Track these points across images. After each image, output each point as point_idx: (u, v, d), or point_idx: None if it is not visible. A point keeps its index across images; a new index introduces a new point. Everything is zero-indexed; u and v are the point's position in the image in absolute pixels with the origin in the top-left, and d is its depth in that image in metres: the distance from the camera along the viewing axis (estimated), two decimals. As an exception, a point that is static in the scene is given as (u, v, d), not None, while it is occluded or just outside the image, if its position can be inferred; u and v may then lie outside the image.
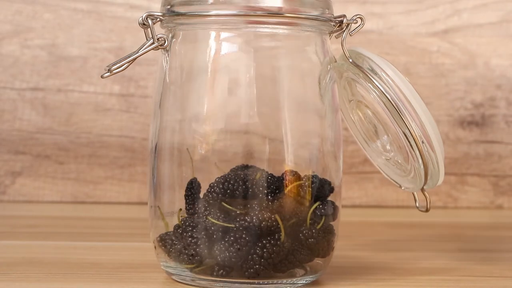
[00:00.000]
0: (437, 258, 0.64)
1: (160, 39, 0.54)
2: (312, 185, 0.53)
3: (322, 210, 0.54)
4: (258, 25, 0.53)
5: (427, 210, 0.55)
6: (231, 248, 0.51)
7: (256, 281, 0.52)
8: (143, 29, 0.54)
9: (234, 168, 0.53)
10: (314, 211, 0.53)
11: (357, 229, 0.77)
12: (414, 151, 0.52)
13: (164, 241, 0.54)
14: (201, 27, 0.54)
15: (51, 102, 0.90)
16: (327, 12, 0.54)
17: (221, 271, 0.52)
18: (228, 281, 0.52)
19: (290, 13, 0.53)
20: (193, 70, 0.55)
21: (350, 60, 0.54)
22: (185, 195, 0.54)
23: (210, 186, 0.53)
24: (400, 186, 0.57)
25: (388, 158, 0.57)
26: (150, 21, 0.53)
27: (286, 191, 0.53)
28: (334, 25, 0.55)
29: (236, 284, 0.52)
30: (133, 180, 0.90)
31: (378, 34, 0.92)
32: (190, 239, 0.53)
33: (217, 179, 0.52)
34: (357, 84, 0.55)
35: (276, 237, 0.52)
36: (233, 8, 0.52)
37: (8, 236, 0.71)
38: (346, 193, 0.90)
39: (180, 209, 0.54)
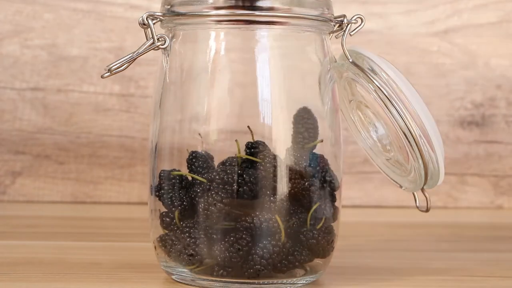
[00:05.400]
0: (437, 258, 0.64)
1: (160, 39, 0.54)
2: (312, 186, 0.53)
3: (323, 211, 0.54)
4: (258, 25, 0.53)
5: (427, 210, 0.55)
6: (231, 249, 0.51)
7: (256, 281, 0.52)
8: (143, 29, 0.54)
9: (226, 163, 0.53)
10: (314, 212, 0.53)
11: (357, 229, 0.77)
12: (414, 151, 0.52)
13: (164, 241, 0.54)
14: (201, 27, 0.54)
15: (51, 102, 0.90)
16: (327, 12, 0.54)
17: (221, 271, 0.52)
18: (228, 281, 0.52)
19: (290, 13, 0.53)
20: (193, 70, 0.55)
21: (350, 60, 0.54)
22: (185, 195, 0.54)
23: (210, 186, 0.53)
24: (400, 186, 0.57)
25: (388, 158, 0.57)
26: (150, 21, 0.53)
27: (286, 192, 0.53)
28: (334, 25, 0.55)
29: (236, 284, 0.52)
30: (133, 180, 0.90)
31: (378, 34, 0.92)
32: (189, 239, 0.53)
33: (217, 180, 0.52)
34: (357, 84, 0.55)
35: (276, 237, 0.52)
36: (233, 8, 0.52)
37: (8, 236, 0.71)
38: (346, 193, 0.90)
39: (180, 208, 0.54)
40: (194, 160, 0.53)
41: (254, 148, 0.53)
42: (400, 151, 0.55)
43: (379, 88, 0.52)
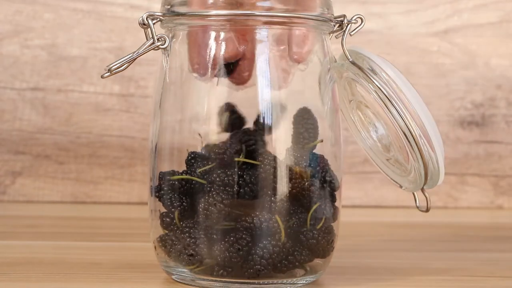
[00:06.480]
0: (437, 258, 0.64)
1: (160, 39, 0.54)
2: (312, 186, 0.53)
3: (323, 211, 0.54)
4: (258, 26, 0.53)
5: (427, 210, 0.55)
6: (231, 249, 0.51)
7: (256, 281, 0.52)
8: (143, 29, 0.54)
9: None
10: (314, 212, 0.53)
11: (357, 229, 0.77)
12: (414, 151, 0.52)
13: (164, 241, 0.54)
14: (201, 27, 0.53)
15: (51, 102, 0.90)
16: (327, 12, 0.54)
17: (221, 271, 0.52)
18: (228, 281, 0.52)
19: (290, 13, 0.53)
20: (193, 70, 0.55)
21: (350, 60, 0.54)
22: (185, 196, 0.54)
23: (210, 186, 0.53)
24: (400, 186, 0.57)
25: (388, 158, 0.57)
26: (150, 21, 0.53)
27: (286, 192, 0.53)
28: (334, 25, 0.55)
29: (236, 284, 0.52)
30: (133, 180, 0.90)
31: (378, 34, 0.92)
32: (189, 239, 0.53)
33: (217, 181, 0.52)
34: (357, 84, 0.55)
35: (276, 237, 0.52)
36: (233, 8, 0.52)
37: (8, 236, 0.71)
38: (346, 193, 0.90)
39: (179, 209, 0.54)
40: (193, 161, 0.53)
41: (253, 148, 0.53)
42: (400, 151, 0.55)
43: (379, 88, 0.52)
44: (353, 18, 0.56)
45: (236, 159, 0.52)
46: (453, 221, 0.86)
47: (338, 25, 0.55)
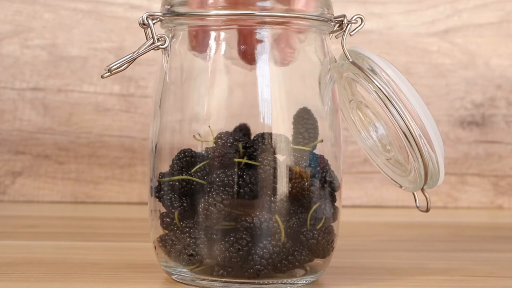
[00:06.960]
0: (437, 258, 0.64)
1: (160, 39, 0.54)
2: (312, 186, 0.53)
3: (323, 211, 0.54)
4: (258, 25, 0.53)
5: (427, 210, 0.55)
6: (231, 249, 0.51)
7: (256, 281, 0.52)
8: (143, 29, 0.54)
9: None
10: (314, 212, 0.53)
11: (357, 229, 0.77)
12: (414, 151, 0.52)
13: (164, 241, 0.54)
14: (201, 27, 0.53)
15: (51, 102, 0.90)
16: (327, 12, 0.54)
17: (221, 271, 0.52)
18: (228, 281, 0.52)
19: (290, 13, 0.53)
20: (193, 70, 0.55)
21: (350, 60, 0.54)
22: (185, 196, 0.54)
23: (209, 186, 0.53)
24: (400, 186, 0.57)
25: (388, 158, 0.57)
26: (150, 21, 0.53)
27: (286, 192, 0.53)
28: (334, 25, 0.55)
29: (236, 284, 0.52)
30: (133, 180, 0.90)
31: (378, 34, 0.92)
32: (189, 239, 0.53)
33: (217, 180, 0.52)
34: (357, 84, 0.55)
35: (276, 237, 0.52)
36: (233, 8, 0.52)
37: (8, 236, 0.71)
38: (346, 193, 0.90)
39: (179, 209, 0.54)
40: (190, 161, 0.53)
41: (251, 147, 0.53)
42: (400, 151, 0.55)
43: (379, 88, 0.52)
44: (353, 18, 0.56)
45: (236, 159, 0.52)
46: (453, 221, 0.86)
47: (338, 25, 0.55)
